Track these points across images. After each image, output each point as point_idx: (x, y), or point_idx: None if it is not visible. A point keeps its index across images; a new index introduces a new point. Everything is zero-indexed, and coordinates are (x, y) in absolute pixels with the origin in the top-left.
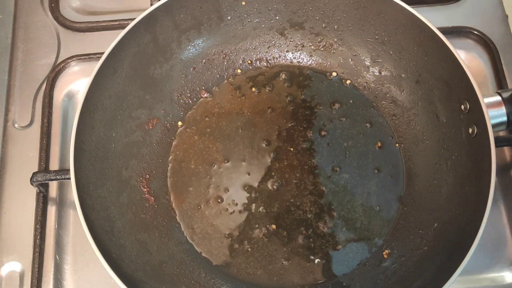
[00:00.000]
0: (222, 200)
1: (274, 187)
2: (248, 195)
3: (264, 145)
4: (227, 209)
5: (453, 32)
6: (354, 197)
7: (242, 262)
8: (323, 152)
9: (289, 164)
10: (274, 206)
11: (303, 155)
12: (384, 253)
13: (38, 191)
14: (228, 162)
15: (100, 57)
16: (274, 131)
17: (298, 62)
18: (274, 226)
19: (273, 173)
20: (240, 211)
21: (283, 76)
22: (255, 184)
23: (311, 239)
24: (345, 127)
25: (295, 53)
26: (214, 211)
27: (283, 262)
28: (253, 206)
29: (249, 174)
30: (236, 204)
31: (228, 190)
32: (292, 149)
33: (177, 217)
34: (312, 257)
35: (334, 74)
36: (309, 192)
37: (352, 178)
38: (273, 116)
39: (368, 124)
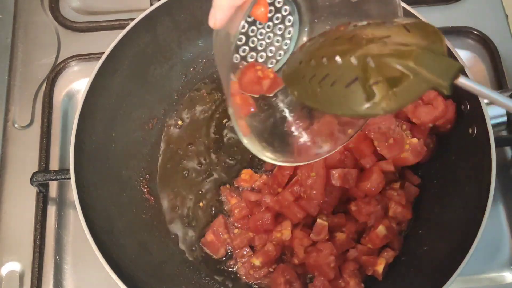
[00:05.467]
0: (222, 200)
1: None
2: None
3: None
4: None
5: (453, 32)
6: None
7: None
8: None
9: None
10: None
11: None
12: None
13: (38, 191)
14: (229, 161)
15: (100, 57)
16: None
17: None
18: None
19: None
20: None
21: None
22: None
23: None
24: None
25: None
26: (214, 211)
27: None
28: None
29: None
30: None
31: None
32: None
33: (176, 217)
34: None
35: None
36: None
37: None
38: None
39: None
